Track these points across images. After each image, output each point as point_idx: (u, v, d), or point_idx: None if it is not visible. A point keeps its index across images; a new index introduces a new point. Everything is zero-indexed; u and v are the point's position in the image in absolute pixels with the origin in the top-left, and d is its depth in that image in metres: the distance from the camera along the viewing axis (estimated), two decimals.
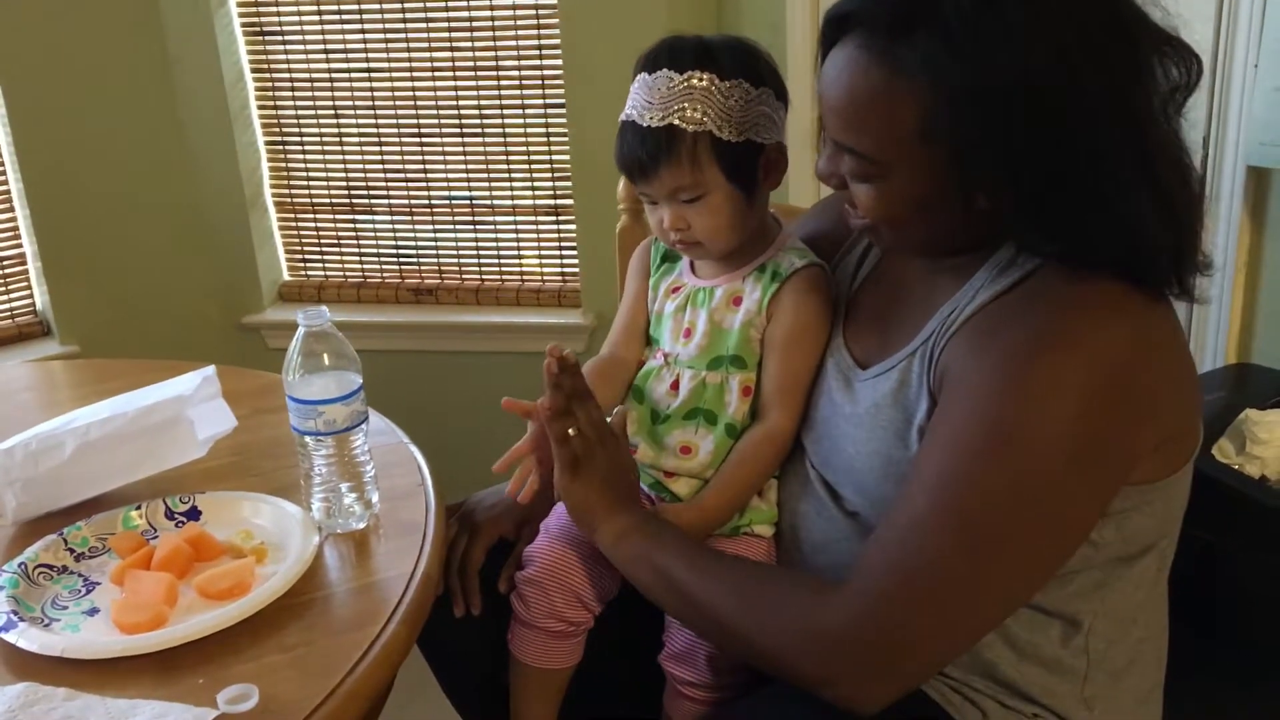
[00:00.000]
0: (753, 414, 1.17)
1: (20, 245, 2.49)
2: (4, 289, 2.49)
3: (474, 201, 2.57)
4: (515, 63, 2.42)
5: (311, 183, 2.64)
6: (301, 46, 2.51)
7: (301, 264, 2.73)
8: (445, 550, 1.17)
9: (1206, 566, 1.19)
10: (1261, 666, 1.25)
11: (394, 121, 2.53)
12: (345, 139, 2.57)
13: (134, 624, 1.00)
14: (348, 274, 2.71)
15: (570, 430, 1.11)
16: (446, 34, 2.43)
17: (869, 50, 0.94)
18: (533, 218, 2.56)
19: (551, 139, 2.46)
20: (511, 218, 2.57)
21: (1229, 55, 1.47)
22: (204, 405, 1.22)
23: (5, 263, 2.48)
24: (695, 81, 1.09)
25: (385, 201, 2.62)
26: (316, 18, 2.47)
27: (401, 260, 2.67)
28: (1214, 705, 1.27)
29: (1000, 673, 1.03)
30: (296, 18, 2.49)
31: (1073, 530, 0.95)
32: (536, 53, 2.40)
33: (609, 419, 1.15)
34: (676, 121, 1.09)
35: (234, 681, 0.92)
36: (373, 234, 2.66)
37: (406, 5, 2.42)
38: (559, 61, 2.37)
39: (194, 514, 1.17)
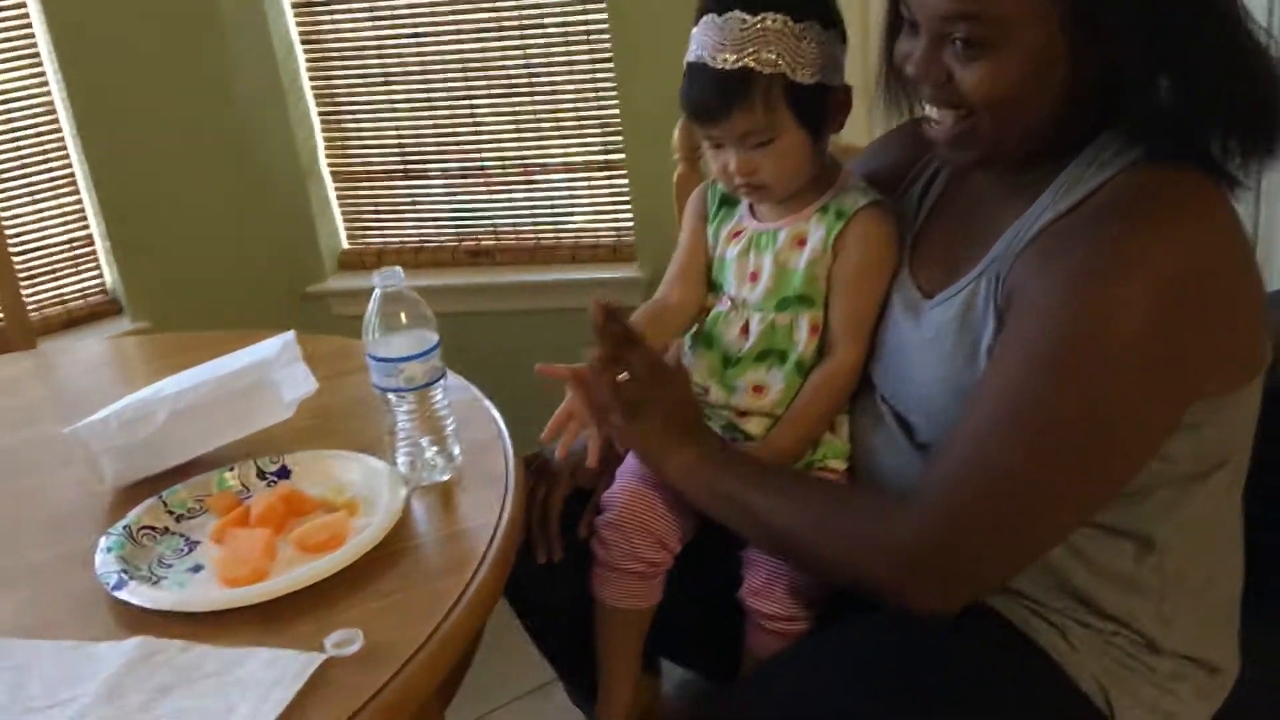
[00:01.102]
0: (820, 351, 1.18)
1: (88, 227, 2.55)
2: (75, 270, 2.56)
3: (526, 161, 2.59)
4: (560, 19, 2.43)
5: (366, 150, 2.67)
6: (349, 15, 2.53)
7: (360, 231, 2.77)
8: (526, 499, 1.20)
9: (1274, 482, 1.19)
10: None
11: (444, 85, 2.55)
12: (396, 105, 2.60)
13: (237, 578, 1.04)
14: (405, 239, 2.75)
15: (622, 376, 1.14)
16: None
17: None
18: (585, 174, 2.58)
19: (600, 94, 2.47)
20: (564, 175, 2.59)
21: None
22: (286, 369, 1.26)
23: (75, 244, 2.54)
24: (770, 23, 1.10)
25: (439, 165, 2.65)
26: None
27: (458, 223, 2.70)
28: None
29: (1079, 590, 1.04)
30: None
31: (1144, 442, 0.97)
32: (581, 7, 2.41)
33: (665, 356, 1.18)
34: (751, 63, 1.10)
35: (338, 628, 0.96)
36: (428, 198, 2.69)
37: None
38: (604, 16, 2.38)
39: (284, 473, 1.21)
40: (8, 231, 2.28)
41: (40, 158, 2.46)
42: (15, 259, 2.25)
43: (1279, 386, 1.25)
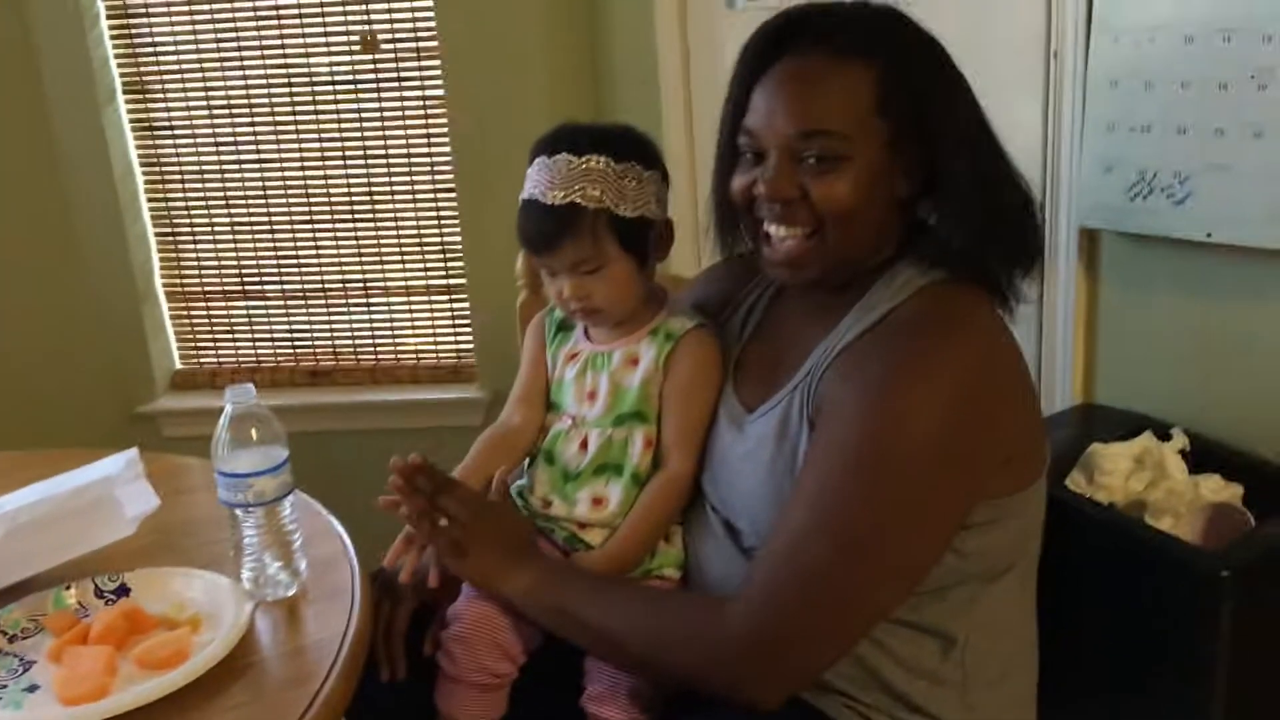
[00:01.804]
0: (655, 463, 1.26)
1: None
2: None
3: (367, 283, 2.63)
4: (405, 149, 2.51)
5: (203, 271, 2.67)
6: (191, 138, 2.56)
7: (195, 351, 2.74)
8: (373, 612, 1.23)
9: (1067, 583, 1.31)
10: (1120, 669, 1.38)
11: (285, 207, 2.59)
12: (236, 227, 2.61)
13: (77, 696, 1.02)
14: (241, 360, 2.74)
15: (442, 522, 1.20)
16: (336, 124, 2.51)
17: (810, 52, 1.11)
18: (425, 297, 2.63)
19: (442, 220, 2.55)
20: (405, 298, 2.64)
21: (1057, 130, 1.64)
22: (130, 485, 1.26)
23: None
24: (593, 164, 1.20)
25: (277, 286, 2.66)
26: (206, 111, 2.53)
27: (296, 344, 2.71)
28: (1083, 705, 1.39)
29: (889, 685, 1.13)
30: (185, 111, 2.53)
31: (938, 534, 1.08)
32: (425, 139, 2.50)
33: (491, 484, 1.25)
34: (578, 199, 1.20)
35: None
36: (266, 318, 2.70)
37: (295, 96, 2.50)
38: (447, 149, 2.47)
39: (123, 591, 1.19)
40: None
41: None
42: None
43: (1065, 499, 1.40)
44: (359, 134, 2.51)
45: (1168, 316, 1.60)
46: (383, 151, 2.52)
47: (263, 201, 2.59)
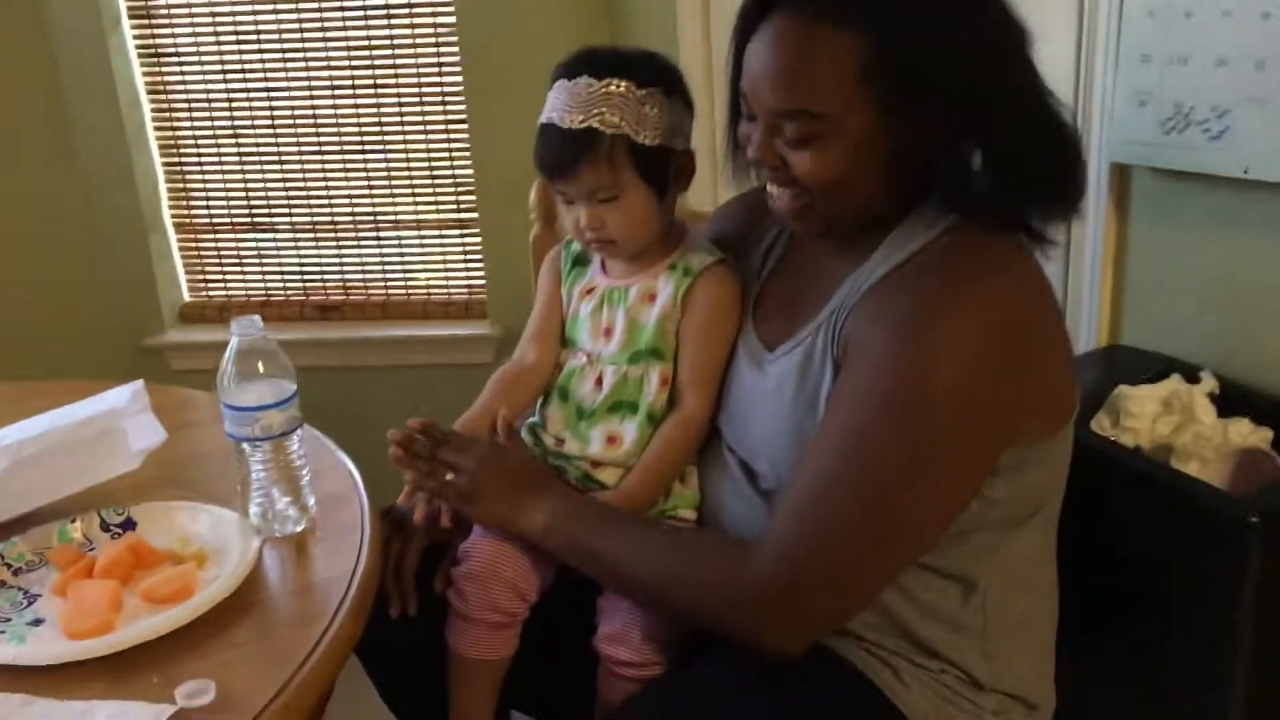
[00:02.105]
0: (671, 402, 1.23)
1: None
2: None
3: (377, 217, 2.60)
4: (415, 79, 2.46)
5: (211, 203, 2.63)
6: (198, 67, 2.51)
7: (203, 284, 2.72)
8: (383, 550, 1.21)
9: (1090, 529, 1.29)
10: (1141, 621, 1.36)
11: (294, 139, 2.54)
12: (245, 158, 2.57)
13: (82, 630, 1.01)
14: (250, 293, 2.71)
15: (448, 476, 1.19)
16: (345, 52, 2.46)
17: (801, 14, 1.03)
18: (437, 231, 2.59)
19: (454, 153, 2.50)
20: (416, 232, 2.60)
21: (1090, 61, 1.59)
22: (135, 418, 1.24)
23: None
24: (613, 88, 1.16)
25: (287, 219, 2.63)
26: (213, 38, 2.48)
27: (306, 278, 2.68)
28: (1102, 655, 1.37)
29: (910, 631, 1.11)
30: (192, 38, 2.48)
31: (965, 482, 1.05)
32: (436, 69, 2.44)
33: (497, 422, 1.22)
34: (596, 124, 1.16)
35: (189, 679, 0.94)
36: (275, 252, 2.67)
37: (304, 24, 2.44)
38: (459, 78, 2.42)
39: (129, 525, 1.18)
40: None
41: None
42: None
43: (1090, 442, 1.37)
44: (369, 64, 2.46)
45: (1199, 255, 1.55)
46: (393, 82, 2.47)
47: (271, 132, 2.54)
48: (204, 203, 2.63)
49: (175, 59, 2.51)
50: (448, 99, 2.46)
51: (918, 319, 1.02)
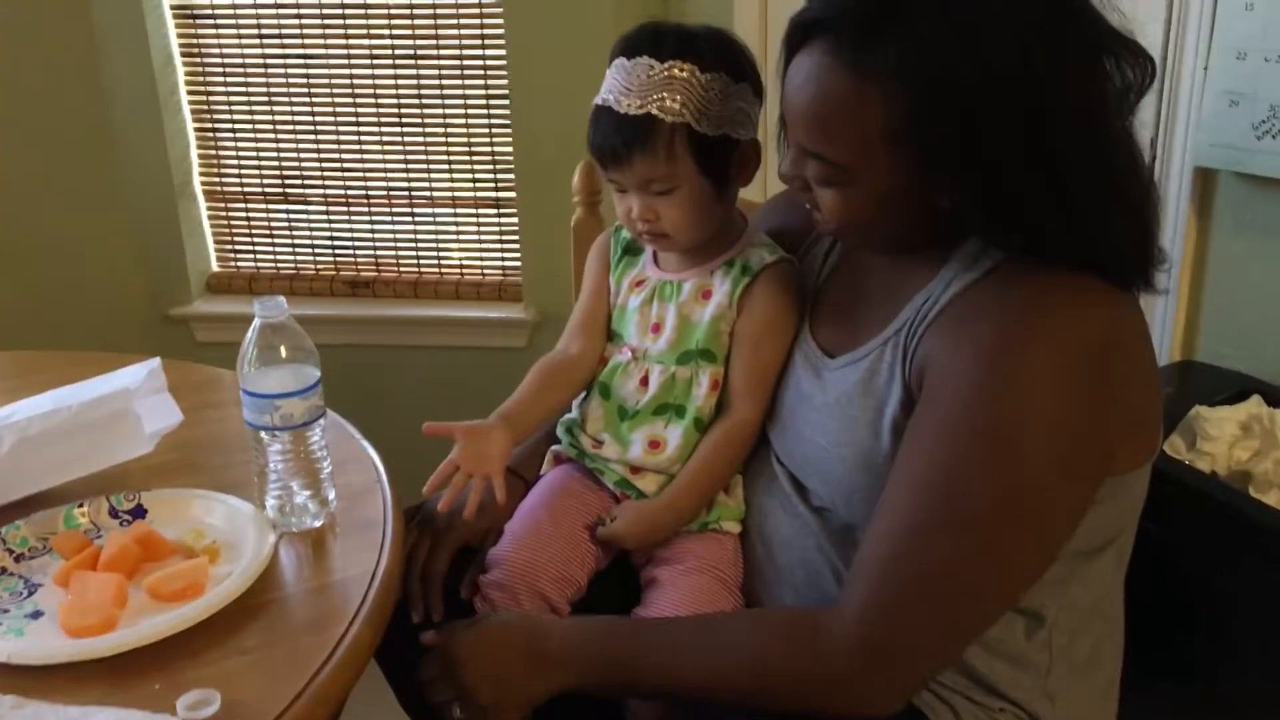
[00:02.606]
0: (718, 407, 1.16)
1: None
2: None
3: (412, 193, 2.53)
4: (456, 51, 2.38)
5: (243, 171, 2.57)
6: (234, 29, 2.44)
7: (232, 254, 2.66)
8: (405, 550, 1.14)
9: (1160, 560, 1.21)
10: (1210, 659, 1.28)
11: (330, 109, 2.48)
12: (279, 126, 2.51)
13: (83, 627, 0.95)
14: (280, 265, 2.65)
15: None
16: (386, 20, 2.38)
17: (836, 56, 0.94)
18: (473, 210, 2.52)
19: (494, 130, 2.43)
20: (451, 210, 2.53)
21: (1179, 58, 1.49)
22: (150, 399, 1.19)
23: None
24: (676, 71, 1.08)
25: (320, 191, 2.56)
26: (251, 1, 2.41)
27: (337, 252, 2.62)
28: (1168, 698, 1.30)
29: (971, 669, 1.03)
30: (230, 1, 2.41)
31: (1064, 522, 0.96)
32: (479, 41, 2.37)
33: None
34: (655, 111, 1.08)
35: (192, 686, 0.88)
36: (307, 225, 2.60)
37: None
38: (502, 51, 2.34)
39: (140, 512, 1.13)
40: None
41: None
42: None
43: (1162, 466, 1.29)
44: (410, 33, 2.38)
45: None
46: (434, 52, 2.39)
47: (307, 100, 2.47)
48: (235, 170, 2.57)
49: (211, 20, 2.44)
50: (490, 72, 2.38)
51: (1005, 348, 0.93)
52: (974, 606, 0.96)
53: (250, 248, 2.64)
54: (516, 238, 2.50)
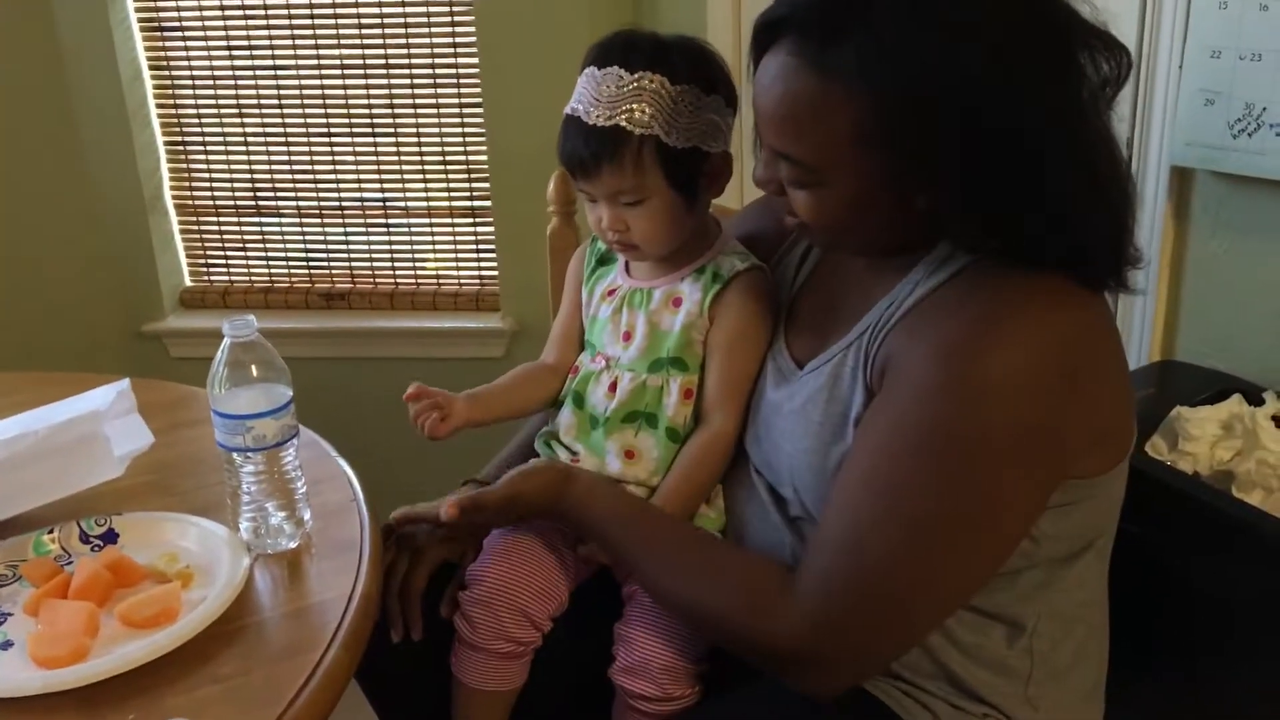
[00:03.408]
0: (695, 418, 1.15)
1: None
2: None
3: (387, 203, 2.51)
4: (429, 59, 2.37)
5: (214, 184, 2.54)
6: (203, 42, 2.42)
7: (205, 269, 2.63)
8: (383, 570, 1.12)
9: (1142, 563, 1.20)
10: (1196, 660, 1.27)
11: (301, 120, 2.45)
12: (250, 139, 2.49)
13: (53, 658, 0.93)
14: (254, 279, 2.62)
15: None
16: (356, 29, 2.36)
17: (802, 57, 0.93)
18: (448, 219, 2.50)
19: (468, 139, 2.41)
20: (426, 219, 2.51)
21: (1153, 56, 1.49)
22: (120, 420, 1.16)
23: None
24: (646, 83, 1.07)
25: (293, 203, 2.54)
26: (219, 12, 2.38)
27: (311, 264, 2.59)
28: (1153, 701, 1.29)
29: (952, 673, 1.03)
30: (197, 12, 2.39)
31: (1014, 523, 0.96)
32: (451, 49, 2.35)
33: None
34: (623, 123, 1.06)
35: (167, 716, 0.87)
36: (280, 237, 2.58)
37: (314, 0, 2.35)
38: (475, 59, 2.33)
39: (111, 537, 1.11)
40: None
41: None
42: None
43: (1144, 467, 1.28)
44: (381, 42, 2.36)
45: (1265, 267, 1.45)
46: (406, 61, 2.37)
47: (278, 111, 2.45)
48: (207, 183, 2.54)
49: (179, 32, 2.41)
50: (463, 81, 2.37)
51: (963, 347, 0.92)
52: (917, 604, 0.96)
53: (223, 261, 2.62)
54: (493, 247, 2.48)
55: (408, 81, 2.38)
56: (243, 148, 2.49)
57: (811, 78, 0.92)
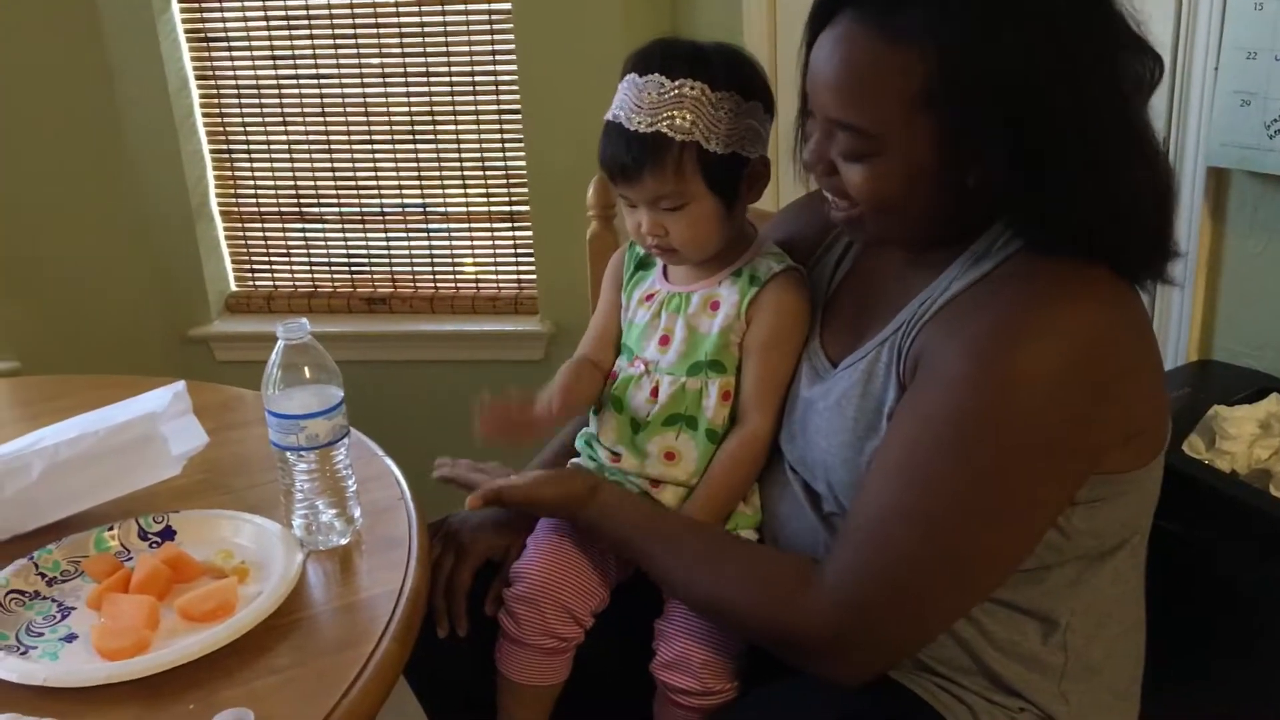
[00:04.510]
0: (732, 418, 1.16)
1: None
2: None
3: (427, 208, 2.54)
4: (469, 68, 2.40)
5: (259, 191, 2.59)
6: (248, 52, 2.46)
7: (249, 274, 2.68)
8: (430, 566, 1.15)
9: (1180, 561, 1.20)
10: (1233, 659, 1.27)
11: (344, 128, 2.49)
12: (294, 146, 2.53)
13: (116, 650, 0.96)
14: (297, 284, 2.67)
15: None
16: (398, 39, 2.40)
17: (865, 23, 0.95)
18: (488, 224, 2.54)
19: (506, 145, 2.44)
20: (466, 224, 2.54)
21: (1189, 57, 1.49)
22: (176, 421, 1.19)
23: None
24: (687, 90, 1.09)
25: (335, 209, 2.58)
26: (263, 23, 2.43)
27: (353, 269, 2.63)
28: (1191, 699, 1.29)
29: (988, 668, 1.04)
30: (242, 24, 2.44)
31: (1041, 516, 0.97)
32: (490, 58, 2.38)
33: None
34: (665, 129, 1.08)
35: (225, 706, 0.89)
36: (323, 242, 2.62)
37: (356, 10, 2.39)
38: (514, 67, 2.36)
39: (169, 534, 1.14)
40: None
41: None
42: None
43: (1181, 466, 1.29)
44: (421, 50, 2.40)
45: None
46: (446, 69, 2.40)
47: (321, 120, 2.49)
48: (252, 190, 2.59)
49: (224, 43, 2.46)
50: (501, 87, 2.40)
51: (995, 340, 0.94)
52: (940, 595, 0.98)
53: (268, 267, 2.66)
54: (531, 251, 2.51)
55: (447, 89, 2.42)
56: (286, 155, 2.54)
57: (875, 42, 0.94)
